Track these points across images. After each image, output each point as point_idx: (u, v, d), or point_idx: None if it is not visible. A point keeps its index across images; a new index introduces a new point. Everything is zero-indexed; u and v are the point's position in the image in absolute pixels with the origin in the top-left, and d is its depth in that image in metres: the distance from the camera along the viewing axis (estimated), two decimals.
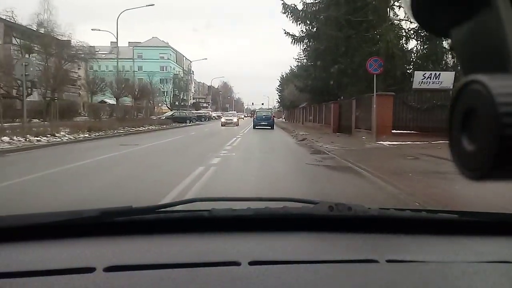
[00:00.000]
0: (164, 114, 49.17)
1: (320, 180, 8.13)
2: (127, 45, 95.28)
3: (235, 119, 40.15)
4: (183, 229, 1.17)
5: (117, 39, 35.49)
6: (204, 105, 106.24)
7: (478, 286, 0.90)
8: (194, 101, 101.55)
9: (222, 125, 36.09)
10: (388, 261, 0.98)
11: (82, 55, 35.68)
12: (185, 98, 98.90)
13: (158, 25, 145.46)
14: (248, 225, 1.20)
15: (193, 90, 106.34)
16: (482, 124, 0.44)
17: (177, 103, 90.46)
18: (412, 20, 0.54)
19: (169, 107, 71.62)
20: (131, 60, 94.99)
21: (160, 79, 73.57)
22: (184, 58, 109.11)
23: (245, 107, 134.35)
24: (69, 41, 35.71)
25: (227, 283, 0.88)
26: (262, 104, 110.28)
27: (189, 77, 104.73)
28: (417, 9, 0.54)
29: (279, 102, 79.69)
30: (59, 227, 1.12)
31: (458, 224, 1.24)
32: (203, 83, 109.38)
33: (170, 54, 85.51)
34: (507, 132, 0.42)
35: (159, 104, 60.30)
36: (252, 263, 0.95)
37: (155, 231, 1.16)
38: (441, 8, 0.53)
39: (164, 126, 33.95)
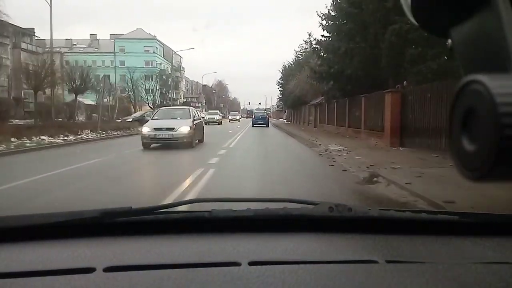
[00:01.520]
0: (131, 115, 36.41)
1: None
2: (109, 38, 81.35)
3: (184, 130, 13.53)
4: (183, 229, 1.15)
5: (50, 6, 22.47)
6: (197, 104, 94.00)
7: (478, 287, 0.89)
8: (185, 100, 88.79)
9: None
10: (388, 261, 0.97)
11: None
12: (173, 97, 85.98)
13: (157, 25, 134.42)
14: (248, 225, 1.18)
15: (183, 88, 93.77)
16: (482, 124, 0.43)
17: (164, 102, 77.94)
18: (412, 20, 0.54)
19: (151, 106, 61.22)
20: (112, 54, 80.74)
21: (145, 75, 64.31)
22: (174, 53, 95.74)
23: (242, 107, 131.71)
24: None
25: (227, 283, 0.86)
26: (259, 104, 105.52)
27: (179, 74, 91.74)
28: (417, 9, 0.53)
29: (279, 98, 63.44)
30: (59, 227, 1.11)
31: (458, 225, 1.21)
32: (197, 82, 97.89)
33: (157, 48, 73.47)
34: (507, 132, 0.41)
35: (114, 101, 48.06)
36: (252, 264, 0.94)
37: (155, 231, 1.14)
38: (440, 8, 0.52)
39: (117, 133, 22.74)
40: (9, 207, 5.33)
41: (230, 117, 56.89)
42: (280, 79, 53.97)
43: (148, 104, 61.77)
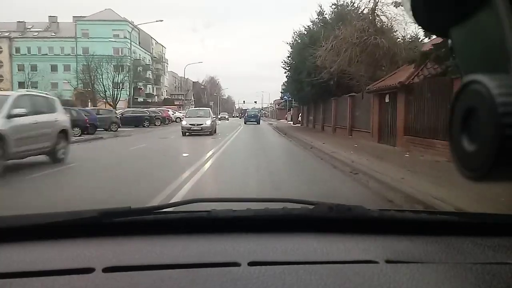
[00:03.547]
0: None
1: None
2: (71, 21, 61.97)
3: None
4: (183, 230, 1.18)
5: None
6: (187, 103, 76.04)
7: (478, 287, 0.90)
8: (167, 97, 70.87)
9: None
10: (388, 262, 0.99)
11: None
12: (153, 92, 67.11)
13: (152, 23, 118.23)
14: (247, 225, 1.20)
15: (166, 84, 74.69)
16: (482, 124, 0.43)
17: (142, 99, 60.21)
18: (412, 20, 0.54)
19: (112, 103, 48.58)
20: (73, 39, 66.46)
21: (114, 65, 51.17)
22: (155, 42, 76.62)
23: (236, 106, 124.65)
24: None
25: (227, 283, 0.88)
26: (255, 102, 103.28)
27: (160, 66, 72.82)
28: (417, 9, 0.53)
29: (284, 88, 41.84)
30: (58, 227, 1.14)
31: (457, 225, 1.25)
32: (187, 79, 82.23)
33: (128, 32, 55.11)
34: (507, 132, 0.41)
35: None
36: (251, 264, 0.96)
37: (155, 231, 1.17)
38: (440, 8, 0.52)
39: None
40: None
41: (184, 123, 22.68)
42: (288, 57, 30.90)
43: (106, 100, 49.72)
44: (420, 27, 0.55)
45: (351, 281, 0.89)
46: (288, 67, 31.29)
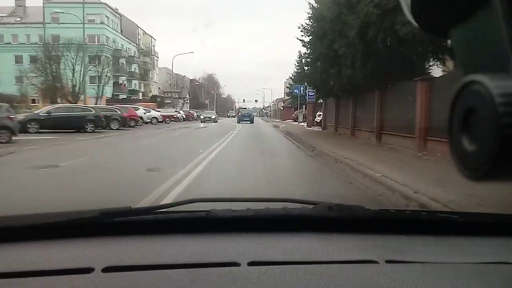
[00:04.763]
0: None
1: None
2: (41, 5, 51.28)
3: None
4: (183, 229, 1.23)
5: None
6: (181, 101, 66.07)
7: (478, 287, 0.93)
8: (161, 94, 60.91)
9: None
10: (388, 261, 1.02)
11: None
12: (139, 89, 56.03)
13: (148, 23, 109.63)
14: (247, 225, 1.24)
15: (156, 79, 64.16)
16: (482, 124, 0.43)
17: (124, 96, 51.22)
18: (412, 21, 0.54)
19: (70, 99, 39.11)
20: (40, 25, 55.59)
21: (89, 55, 41.62)
22: (142, 32, 65.63)
23: (237, 105, 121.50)
24: None
25: (226, 283, 0.90)
26: (256, 101, 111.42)
27: (149, 59, 61.84)
28: (417, 10, 0.52)
29: (294, 83, 37.89)
30: (58, 227, 1.18)
31: (457, 225, 1.29)
32: (184, 76, 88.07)
33: (107, 18, 46.47)
34: (507, 132, 0.40)
35: None
36: (251, 264, 0.99)
37: (155, 231, 1.21)
38: (441, 9, 0.52)
39: None
40: None
41: None
42: (309, 18, 18.31)
43: (65, 97, 40.38)
44: (420, 27, 0.54)
45: (351, 281, 0.91)
46: (308, 35, 18.75)
